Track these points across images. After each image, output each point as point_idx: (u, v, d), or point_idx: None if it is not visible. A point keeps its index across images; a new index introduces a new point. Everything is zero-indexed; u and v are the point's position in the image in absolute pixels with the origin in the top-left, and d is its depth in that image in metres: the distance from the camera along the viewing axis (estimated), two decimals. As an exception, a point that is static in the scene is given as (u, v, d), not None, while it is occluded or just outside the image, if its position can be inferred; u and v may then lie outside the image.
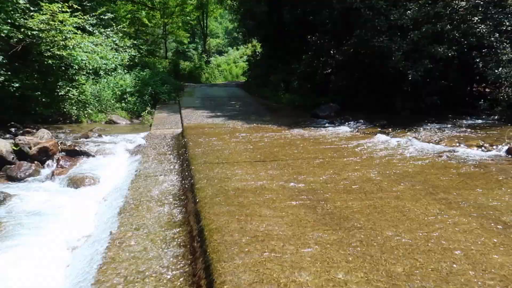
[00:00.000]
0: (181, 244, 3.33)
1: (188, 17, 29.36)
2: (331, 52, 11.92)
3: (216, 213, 3.52)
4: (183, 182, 5.08)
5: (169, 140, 8.27)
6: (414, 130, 7.82)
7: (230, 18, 30.69)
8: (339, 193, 4.09)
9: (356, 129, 8.50)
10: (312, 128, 8.84)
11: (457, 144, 6.44)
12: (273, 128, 8.69)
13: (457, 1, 8.93)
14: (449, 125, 8.14)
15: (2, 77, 9.67)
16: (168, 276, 2.83)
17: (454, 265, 2.59)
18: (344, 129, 8.64)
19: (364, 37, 9.56)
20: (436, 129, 7.84)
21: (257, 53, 20.53)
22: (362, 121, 9.18)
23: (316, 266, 2.58)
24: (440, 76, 9.16)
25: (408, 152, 6.14)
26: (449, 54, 8.57)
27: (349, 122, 9.30)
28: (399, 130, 7.89)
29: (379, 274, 2.49)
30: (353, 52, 10.24)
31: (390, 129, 8.03)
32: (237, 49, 34.43)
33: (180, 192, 4.75)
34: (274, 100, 14.38)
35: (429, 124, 8.38)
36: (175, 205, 4.30)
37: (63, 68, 11.54)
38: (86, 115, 12.00)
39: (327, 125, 9.44)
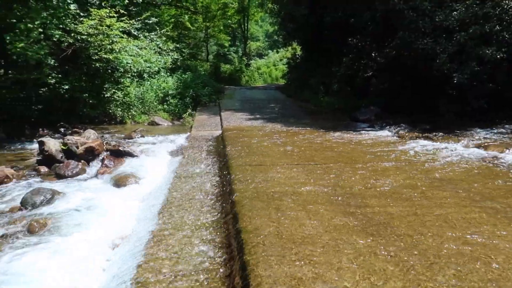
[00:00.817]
0: (218, 245, 3.36)
1: (229, 21, 29.82)
2: (373, 54, 11.68)
3: (253, 216, 3.53)
4: (221, 183, 5.14)
5: (208, 141, 8.40)
6: (458, 134, 7.50)
7: (270, 21, 30.82)
8: (379, 199, 3.99)
9: (397, 133, 8.26)
10: (352, 131, 8.68)
11: (506, 150, 6.11)
12: (312, 131, 8.62)
13: (507, 1, 8.49)
14: (497, 130, 7.74)
15: (53, 80, 10.22)
16: (204, 276, 2.87)
17: (502, 279, 2.46)
18: (384, 133, 8.43)
19: (407, 39, 9.29)
20: (482, 134, 7.48)
21: (297, 56, 20.48)
22: (403, 125, 8.92)
23: (353, 273, 2.53)
24: (488, 79, 8.72)
25: (452, 157, 5.90)
26: (498, 56, 8.16)
27: (390, 126, 9.06)
28: (442, 135, 7.59)
29: (420, 286, 2.40)
30: (395, 54, 9.98)
31: (433, 134, 7.75)
32: (277, 52, 34.50)
33: (218, 193, 4.80)
34: (313, 103, 14.27)
35: (475, 128, 8.00)
36: (213, 206, 4.36)
37: (109, 71, 12.03)
38: (130, 117, 12.43)
39: (367, 128, 9.25)
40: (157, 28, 16.69)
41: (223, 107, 13.66)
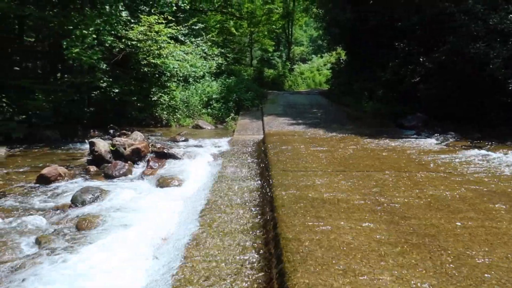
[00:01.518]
0: (257, 249, 3.37)
1: (273, 26, 29.92)
2: (420, 59, 11.30)
3: (293, 222, 3.51)
4: (262, 188, 5.16)
5: (250, 145, 8.46)
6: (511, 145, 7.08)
7: (315, 26, 30.61)
8: (424, 210, 3.83)
9: (445, 142, 7.92)
10: (397, 138, 8.42)
11: None
12: (355, 138, 8.45)
13: None
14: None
15: (105, 83, 10.72)
16: (242, 280, 2.89)
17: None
18: (431, 141, 8.11)
19: (458, 43, 8.91)
20: (542, 145, 7.02)
21: (341, 61, 20.20)
22: (452, 133, 8.54)
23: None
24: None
25: (505, 168, 5.56)
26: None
27: (438, 134, 8.71)
28: (494, 144, 7.20)
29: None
30: (444, 59, 9.59)
31: (483, 143, 7.36)
32: (321, 57, 34.15)
33: (259, 197, 4.82)
34: (357, 108, 14.01)
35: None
36: (253, 211, 4.38)
37: (156, 75, 12.46)
38: (175, 120, 12.78)
39: (413, 136, 8.94)
40: (203, 33, 17.09)
41: (266, 111, 13.72)
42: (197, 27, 16.18)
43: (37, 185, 6.11)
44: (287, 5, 29.58)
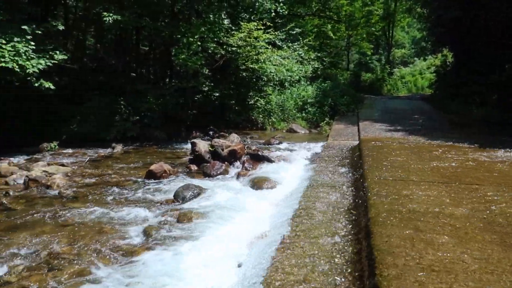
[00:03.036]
0: (348, 259, 3.30)
1: (373, 28, 28.89)
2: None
3: (388, 234, 3.36)
4: (355, 195, 5.03)
5: (345, 151, 8.29)
6: None
7: (418, 27, 28.88)
8: (544, 232, 3.38)
9: None
10: (513, 150, 7.54)
11: None
12: (461, 147, 7.77)
13: None
14: None
15: (207, 87, 11.41)
16: (333, 289, 2.85)
17: None
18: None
19: None
20: None
21: (447, 63, 18.72)
22: None
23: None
24: None
25: None
26: None
27: None
28: None
29: None
30: None
31: None
32: (424, 60, 32.05)
33: (352, 205, 4.71)
34: (465, 115, 12.85)
35: None
36: (346, 218, 4.29)
37: (254, 79, 12.89)
38: (270, 123, 13.08)
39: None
40: (300, 38, 17.21)
41: (362, 116, 13.30)
42: (294, 32, 16.36)
43: (146, 180, 6.74)
44: (388, 6, 28.34)
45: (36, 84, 8.65)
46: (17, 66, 7.98)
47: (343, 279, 3.00)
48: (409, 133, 9.73)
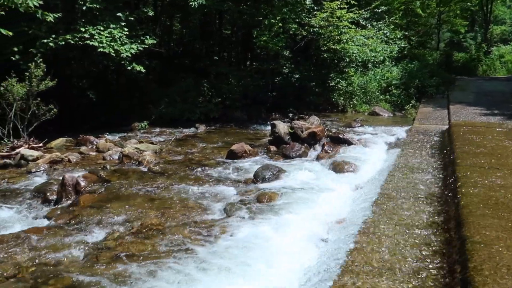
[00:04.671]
0: (435, 250, 3.11)
1: (468, 3, 26.27)
2: None
3: (483, 226, 3.10)
4: (443, 183, 4.71)
5: (432, 136, 7.77)
6: None
7: (524, -1, 25.68)
8: None
9: None
10: None
11: None
12: None
13: None
14: None
15: (287, 69, 11.39)
16: (416, 284, 2.69)
17: None
18: None
19: None
20: None
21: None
22: None
23: None
24: None
25: None
26: None
27: None
28: None
29: None
30: None
31: None
32: (530, 37, 28.58)
33: (438, 193, 4.41)
34: None
35: None
36: (433, 206, 4.04)
37: (335, 61, 12.55)
38: (351, 106, 12.69)
39: None
40: (386, 16, 16.28)
41: (453, 99, 12.30)
42: (379, 10, 15.50)
43: (227, 159, 6.97)
44: (488, -23, 25.59)
45: (129, 68, 9.32)
46: (113, 51, 8.67)
47: (427, 272, 2.84)
48: (508, 118, 8.82)
